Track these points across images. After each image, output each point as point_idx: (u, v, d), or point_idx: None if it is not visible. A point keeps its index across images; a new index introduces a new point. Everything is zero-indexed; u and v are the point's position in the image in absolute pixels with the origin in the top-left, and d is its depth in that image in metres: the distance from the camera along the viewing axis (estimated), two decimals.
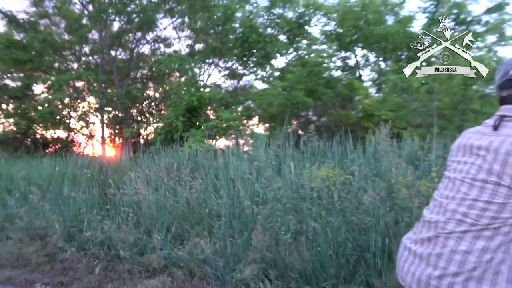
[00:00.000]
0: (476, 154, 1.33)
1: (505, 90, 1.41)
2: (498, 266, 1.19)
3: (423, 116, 6.45)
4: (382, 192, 3.28)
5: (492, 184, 1.24)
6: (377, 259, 2.88)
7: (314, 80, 8.82)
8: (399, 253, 1.48)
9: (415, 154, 4.41)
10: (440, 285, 1.25)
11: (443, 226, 1.32)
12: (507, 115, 1.36)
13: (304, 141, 4.81)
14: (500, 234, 1.20)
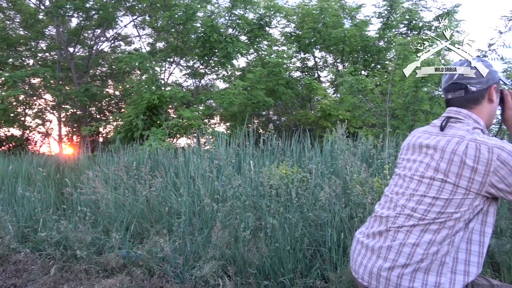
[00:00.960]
0: (425, 153, 1.42)
1: (450, 93, 1.51)
2: (443, 257, 1.28)
3: (377, 116, 6.70)
4: (338, 189, 3.40)
5: (439, 181, 1.33)
6: (333, 253, 2.99)
7: (275, 80, 8.92)
8: (352, 247, 1.55)
9: (369, 152, 4.58)
10: (390, 276, 1.33)
11: (393, 221, 1.40)
12: (452, 117, 1.47)
13: (264, 140, 4.89)
14: (446, 228, 1.29)
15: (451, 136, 1.37)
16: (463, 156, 1.29)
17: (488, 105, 1.47)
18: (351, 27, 10.06)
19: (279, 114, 11.79)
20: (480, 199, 1.29)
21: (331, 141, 4.85)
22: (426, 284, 1.27)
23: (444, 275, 1.28)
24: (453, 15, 9.88)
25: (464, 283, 1.29)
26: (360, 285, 1.46)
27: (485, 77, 1.44)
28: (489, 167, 1.26)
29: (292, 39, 10.60)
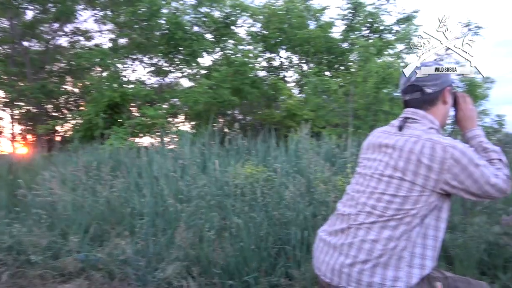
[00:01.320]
0: (384, 152, 1.46)
1: (408, 94, 1.56)
2: (401, 252, 1.32)
3: (340, 116, 6.85)
4: (302, 188, 3.44)
5: (397, 179, 1.37)
6: (297, 251, 3.02)
7: (240, 79, 8.93)
8: (315, 245, 1.57)
9: (332, 151, 4.67)
10: (351, 272, 1.35)
11: (354, 218, 1.43)
12: (410, 117, 1.51)
13: (229, 139, 4.87)
14: (403, 224, 1.33)
15: (408, 136, 1.42)
16: (419, 155, 1.34)
17: (443, 107, 1.53)
18: (316, 28, 10.23)
19: (245, 113, 11.80)
20: (435, 195, 1.35)
21: (296, 141, 4.90)
22: (385, 279, 1.31)
23: (402, 269, 1.32)
24: (412, 20, 10.28)
25: (420, 276, 1.34)
26: (322, 282, 1.48)
27: (440, 79, 1.50)
28: (443, 165, 1.31)
29: (258, 38, 10.64)
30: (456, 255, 2.89)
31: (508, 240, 3.00)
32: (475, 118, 1.62)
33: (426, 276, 1.37)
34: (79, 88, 12.25)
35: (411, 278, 1.32)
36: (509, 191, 1.40)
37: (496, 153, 1.48)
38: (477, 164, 1.33)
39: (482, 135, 1.57)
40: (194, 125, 10.05)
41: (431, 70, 1.52)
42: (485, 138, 1.56)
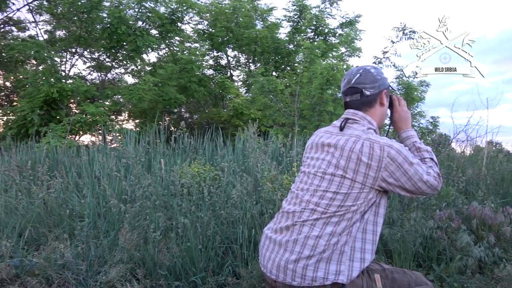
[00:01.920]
0: (326, 151, 1.52)
1: (348, 96, 1.63)
2: (342, 247, 1.38)
3: (287, 116, 6.99)
4: (249, 187, 3.47)
5: (339, 177, 1.43)
6: (244, 250, 3.05)
7: (187, 77, 8.78)
8: (261, 243, 1.59)
9: (279, 150, 4.76)
10: (296, 268, 1.39)
11: (299, 215, 1.47)
12: (350, 118, 1.59)
13: (175, 137, 4.79)
14: (345, 220, 1.39)
15: (349, 135, 1.49)
16: (359, 153, 1.41)
17: (380, 108, 1.62)
18: (263, 28, 10.33)
19: (191, 112, 11.64)
20: (374, 192, 1.43)
21: (243, 140, 4.93)
22: (328, 273, 1.37)
23: (344, 263, 1.38)
24: (354, 24, 10.72)
25: (361, 269, 1.41)
26: (268, 279, 1.51)
27: (377, 82, 1.59)
28: (381, 163, 1.40)
29: (205, 36, 10.54)
30: (395, 248, 3.07)
31: (441, 233, 3.24)
32: (409, 119, 1.73)
33: (365, 269, 1.45)
34: (11, 82, 11.36)
35: (352, 271, 1.39)
36: (439, 188, 1.52)
37: (428, 153, 1.60)
38: (411, 163, 1.43)
39: (415, 136, 1.68)
40: (138, 123, 9.72)
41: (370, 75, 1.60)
42: (418, 139, 1.67)
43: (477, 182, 4.57)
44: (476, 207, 3.50)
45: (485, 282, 2.82)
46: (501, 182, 4.70)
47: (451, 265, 2.99)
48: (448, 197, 3.87)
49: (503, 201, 4.12)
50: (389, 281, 1.49)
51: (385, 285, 1.46)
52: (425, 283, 1.58)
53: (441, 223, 3.32)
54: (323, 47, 8.43)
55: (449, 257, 3.08)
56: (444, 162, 4.99)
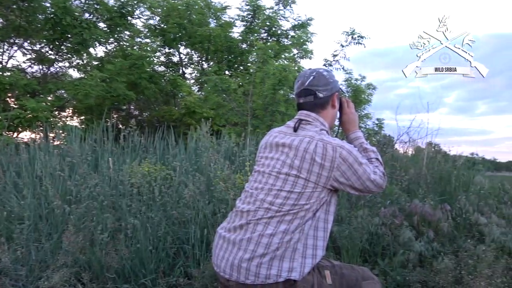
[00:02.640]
0: (281, 151, 1.54)
1: (302, 98, 1.66)
2: (295, 244, 1.40)
3: (240, 115, 7.00)
4: (201, 186, 3.44)
5: (293, 176, 1.45)
6: (196, 250, 3.01)
7: (137, 73, 8.52)
8: (215, 242, 1.58)
9: (232, 150, 4.76)
10: (250, 266, 1.39)
11: (253, 214, 1.47)
12: (303, 119, 1.62)
13: (124, 136, 4.62)
14: (298, 218, 1.41)
15: (303, 136, 1.52)
16: (313, 154, 1.45)
17: (332, 110, 1.68)
18: (216, 27, 10.27)
19: (142, 109, 11.32)
20: (326, 191, 1.47)
21: (196, 139, 4.87)
22: (281, 270, 1.39)
23: (296, 260, 1.41)
24: (306, 27, 10.96)
25: (312, 265, 1.45)
26: (222, 278, 1.50)
27: (330, 85, 1.64)
28: (334, 164, 1.44)
29: (157, 32, 10.29)
30: (343, 245, 3.18)
31: (386, 230, 3.40)
32: (357, 121, 1.81)
33: (316, 266, 1.49)
34: None
35: (304, 268, 1.42)
36: (384, 187, 1.60)
37: (374, 153, 1.68)
38: (361, 163, 1.49)
39: (363, 137, 1.76)
40: (84, 120, 9.28)
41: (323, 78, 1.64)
42: (365, 140, 1.75)
43: (418, 181, 4.85)
44: (417, 204, 3.71)
45: (425, 274, 3.00)
46: (439, 181, 5.01)
47: (394, 259, 3.15)
48: (392, 195, 4.08)
49: (441, 199, 4.40)
50: (338, 277, 1.54)
51: (334, 281, 1.51)
52: (371, 278, 1.65)
53: (386, 220, 3.49)
54: (275, 48, 8.54)
55: (393, 252, 3.24)
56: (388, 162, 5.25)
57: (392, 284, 2.90)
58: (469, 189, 4.86)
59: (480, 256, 2.98)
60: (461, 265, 2.93)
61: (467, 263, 2.92)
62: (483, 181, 5.29)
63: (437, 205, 3.91)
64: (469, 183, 5.02)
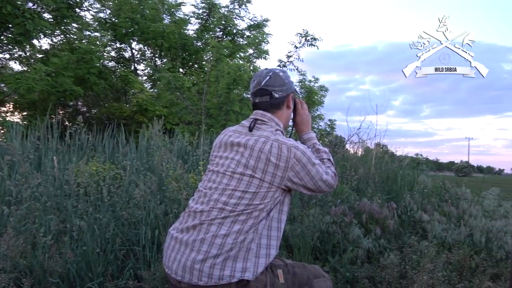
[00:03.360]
0: (236, 151, 1.53)
1: (258, 97, 1.66)
2: (249, 244, 1.40)
3: (193, 114, 6.90)
4: (153, 186, 3.35)
5: (248, 176, 1.45)
6: (147, 251, 2.93)
7: (85, 68, 8.13)
8: (166, 244, 1.54)
9: (185, 149, 4.68)
10: (203, 267, 1.37)
11: (207, 215, 1.45)
12: (259, 119, 1.62)
13: (71, 133, 4.40)
14: (252, 218, 1.41)
15: (258, 136, 1.53)
16: (268, 154, 1.45)
17: (286, 111, 1.69)
18: (170, 23, 10.06)
19: (90, 106, 10.85)
20: (280, 191, 1.48)
21: (147, 137, 4.75)
22: (234, 271, 1.38)
23: (250, 260, 1.41)
24: (262, 27, 11.03)
25: (266, 265, 1.46)
26: (173, 280, 1.47)
27: (285, 86, 1.65)
28: (288, 164, 1.46)
29: (107, 26, 9.90)
30: (295, 243, 3.23)
31: (336, 228, 3.50)
32: (310, 122, 1.84)
33: (269, 265, 1.50)
34: None
35: (257, 268, 1.42)
36: (336, 186, 1.64)
37: (326, 154, 1.72)
38: (314, 163, 1.51)
39: (315, 138, 1.79)
40: (26, 116, 8.73)
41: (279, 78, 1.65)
42: (317, 140, 1.78)
43: (367, 180, 5.05)
44: (365, 203, 3.86)
45: (372, 270, 3.12)
46: (386, 180, 5.25)
47: (344, 256, 3.25)
48: (343, 194, 4.22)
49: (388, 197, 4.61)
50: (291, 275, 1.55)
51: (286, 280, 1.52)
52: (322, 275, 1.69)
53: (336, 218, 3.59)
54: (230, 47, 8.52)
55: (343, 249, 3.35)
56: (340, 162, 5.42)
57: (341, 281, 2.99)
58: (414, 188, 5.13)
59: (423, 251, 3.15)
60: (406, 260, 3.08)
61: (411, 259, 3.08)
62: (426, 180, 5.61)
63: (384, 203, 4.09)
64: (413, 182, 5.30)
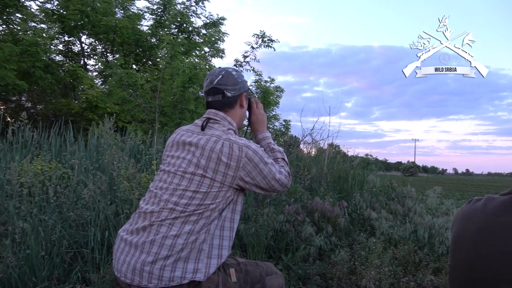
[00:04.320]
0: (187, 150, 1.51)
1: (210, 96, 1.66)
2: (200, 245, 1.39)
3: (147, 112, 6.73)
4: (103, 186, 3.24)
5: (199, 176, 1.44)
6: (96, 254, 2.83)
7: (30, 61, 7.67)
8: (115, 246, 1.50)
9: (138, 148, 4.57)
10: (153, 269, 1.35)
11: (157, 215, 1.43)
12: (212, 118, 1.62)
13: (13, 130, 4.14)
14: (203, 218, 1.40)
15: (210, 135, 1.52)
16: (219, 153, 1.46)
17: (240, 110, 1.70)
18: (123, 17, 9.75)
19: (35, 101, 10.26)
20: (232, 190, 1.49)
21: (98, 135, 4.58)
22: (185, 272, 1.37)
23: (201, 261, 1.40)
24: (218, 26, 10.97)
25: (218, 265, 1.45)
26: (122, 283, 1.43)
27: (238, 85, 1.66)
28: (239, 163, 1.46)
29: (55, 18, 9.40)
30: (249, 242, 3.25)
31: (289, 226, 3.56)
32: (265, 122, 1.86)
33: (221, 265, 1.50)
34: None
35: (209, 268, 1.42)
36: (289, 186, 1.67)
37: (280, 153, 1.74)
38: (266, 162, 1.53)
39: (270, 137, 1.82)
40: None
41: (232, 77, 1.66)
42: (272, 140, 1.81)
43: (320, 180, 5.19)
44: (318, 201, 3.97)
45: (324, 267, 3.22)
46: (338, 179, 5.43)
47: (296, 254, 3.33)
48: (296, 193, 4.30)
49: (339, 196, 4.76)
50: (243, 274, 1.57)
51: (239, 278, 1.53)
52: (275, 273, 1.71)
53: (290, 217, 3.66)
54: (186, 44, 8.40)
55: (295, 247, 3.42)
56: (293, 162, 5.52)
57: (294, 278, 3.06)
58: (363, 187, 5.34)
59: (371, 247, 3.29)
60: (355, 256, 3.21)
61: (360, 255, 3.21)
62: (375, 180, 5.86)
63: (335, 202, 4.22)
64: (363, 182, 5.52)
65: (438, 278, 3.15)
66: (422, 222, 4.09)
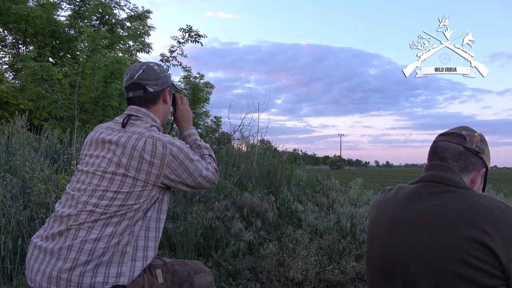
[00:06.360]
0: (107, 149, 1.45)
1: (131, 92, 1.59)
2: (124, 247, 1.33)
3: (65, 108, 6.28)
4: (14, 189, 2.97)
5: (120, 175, 1.38)
6: (7, 264, 2.60)
7: None
8: (28, 254, 1.39)
9: (55, 147, 4.25)
10: (71, 276, 1.27)
11: (75, 219, 1.34)
12: (133, 114, 1.55)
13: None
14: (126, 219, 1.34)
15: (131, 132, 1.46)
16: (141, 151, 1.40)
17: (163, 106, 1.65)
18: (36, 6, 8.97)
19: None
20: (157, 189, 1.44)
21: (8, 134, 4.19)
22: (108, 277, 1.30)
23: (125, 264, 1.34)
24: (144, 19, 10.56)
25: (143, 268, 1.40)
26: None
27: (160, 80, 1.61)
28: (163, 161, 1.42)
29: None
30: (178, 241, 3.19)
31: (219, 223, 3.56)
32: (191, 118, 1.83)
33: (147, 266, 1.45)
34: None
35: (134, 271, 1.36)
36: (217, 182, 1.66)
37: (207, 149, 1.73)
38: (192, 159, 1.51)
39: (196, 134, 1.79)
40: None
41: (153, 72, 1.60)
42: (198, 136, 1.79)
43: (249, 175, 5.25)
44: (247, 197, 4.02)
45: (253, 261, 3.26)
46: (267, 174, 5.54)
47: (226, 250, 3.34)
48: (225, 189, 4.31)
49: (268, 191, 4.86)
50: (170, 274, 1.53)
51: (166, 279, 1.49)
52: (203, 271, 1.70)
53: (219, 214, 3.66)
54: (108, 37, 7.97)
55: (225, 243, 3.43)
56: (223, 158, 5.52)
57: (224, 274, 3.06)
58: (291, 181, 5.52)
59: (298, 239, 3.41)
60: (283, 249, 3.30)
61: (288, 247, 3.31)
62: (302, 173, 6.08)
63: (264, 196, 4.31)
64: (291, 176, 5.70)
65: (360, 264, 3.35)
66: (345, 213, 4.33)
